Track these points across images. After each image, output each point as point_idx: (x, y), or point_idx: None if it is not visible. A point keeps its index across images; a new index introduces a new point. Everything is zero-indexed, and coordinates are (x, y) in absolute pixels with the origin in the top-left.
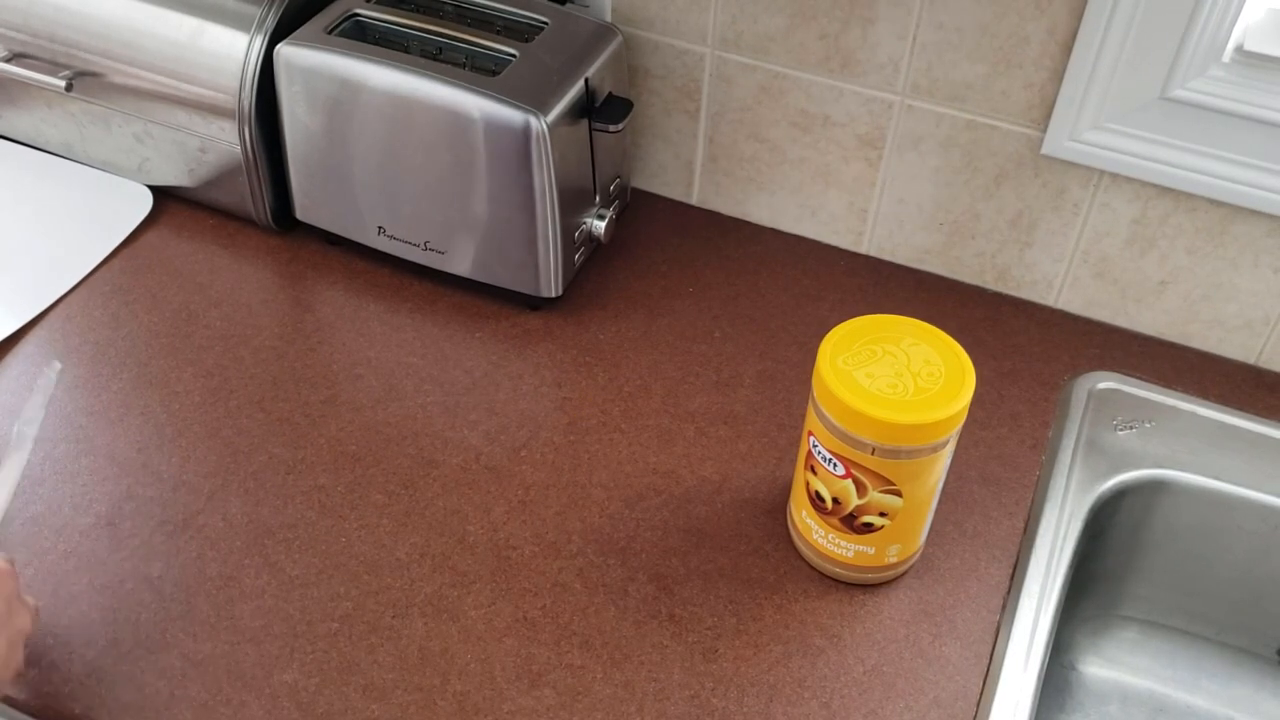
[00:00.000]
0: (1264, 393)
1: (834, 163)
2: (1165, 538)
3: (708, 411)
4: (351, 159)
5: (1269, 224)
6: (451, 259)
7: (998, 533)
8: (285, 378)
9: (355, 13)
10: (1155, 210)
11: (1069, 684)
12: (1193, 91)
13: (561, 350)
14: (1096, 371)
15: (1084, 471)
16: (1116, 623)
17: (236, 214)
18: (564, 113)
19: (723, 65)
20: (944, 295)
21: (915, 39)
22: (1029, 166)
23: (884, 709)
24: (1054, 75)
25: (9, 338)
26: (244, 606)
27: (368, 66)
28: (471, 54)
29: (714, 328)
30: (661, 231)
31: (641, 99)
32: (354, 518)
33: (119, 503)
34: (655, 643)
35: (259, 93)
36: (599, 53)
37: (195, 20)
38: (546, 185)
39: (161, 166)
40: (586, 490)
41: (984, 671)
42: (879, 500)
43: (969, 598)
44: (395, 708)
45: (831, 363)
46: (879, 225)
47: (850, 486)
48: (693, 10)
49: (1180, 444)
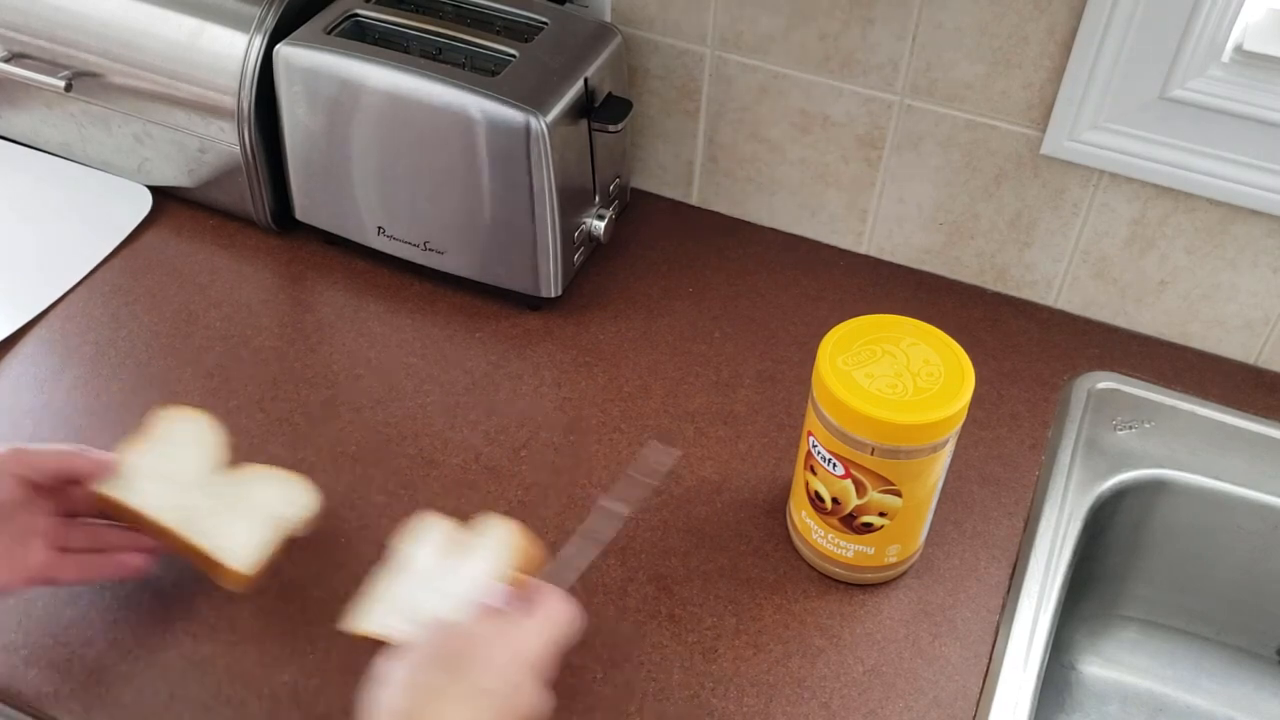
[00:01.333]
0: (1264, 393)
1: (834, 163)
2: (1165, 538)
3: (708, 411)
4: (351, 159)
5: (1269, 224)
6: (451, 259)
7: (997, 533)
8: (285, 378)
9: (355, 13)
10: (1155, 210)
11: (1069, 684)
12: (1192, 91)
13: (561, 350)
14: (1096, 371)
15: (1084, 471)
16: (1116, 623)
17: (236, 214)
18: (564, 113)
19: (723, 65)
20: (944, 295)
21: (915, 39)
22: (1028, 166)
23: (884, 709)
24: (1053, 75)
25: (9, 338)
26: (244, 606)
27: (367, 66)
28: (471, 54)
29: (714, 328)
30: (661, 231)
31: (641, 99)
32: (354, 518)
33: None
34: (655, 643)
35: (258, 93)
36: (598, 53)
37: (195, 20)
38: (546, 185)
39: (161, 167)
40: (586, 490)
41: (984, 671)
42: (879, 500)
43: (969, 598)
44: None
45: (831, 363)
46: (879, 225)
47: (850, 486)
48: (693, 10)
49: (1180, 444)
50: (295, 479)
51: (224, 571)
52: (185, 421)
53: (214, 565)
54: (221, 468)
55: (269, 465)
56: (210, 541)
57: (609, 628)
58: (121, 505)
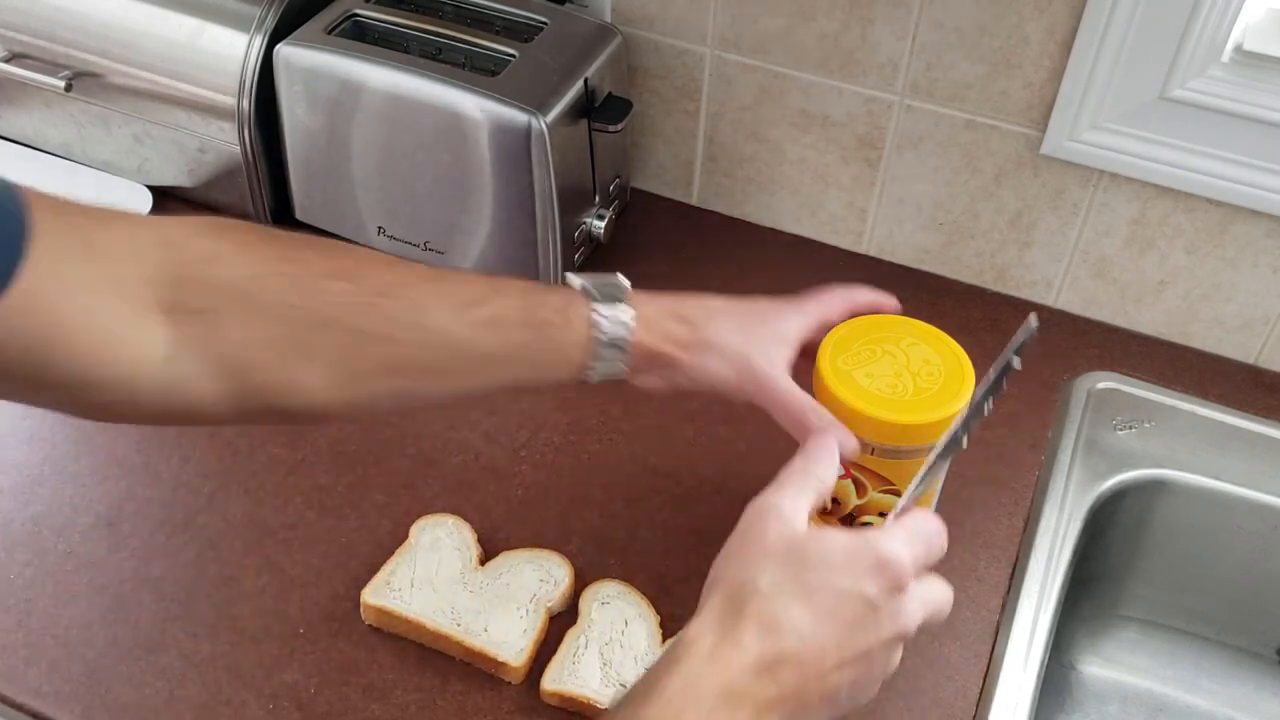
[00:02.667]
0: (1264, 393)
1: (834, 163)
2: (1165, 538)
3: (708, 411)
4: (351, 159)
5: (1269, 224)
6: (451, 259)
7: (997, 533)
8: None
9: (355, 13)
10: (1154, 210)
11: (1069, 684)
12: (1192, 91)
13: None
14: (1096, 371)
15: (1084, 471)
16: (1116, 623)
17: (236, 214)
18: (564, 113)
19: (723, 65)
20: (944, 295)
21: (915, 39)
22: (1028, 166)
23: (884, 709)
24: (1053, 75)
25: None
26: (244, 606)
27: (367, 67)
28: (471, 54)
29: None
30: (661, 231)
31: (641, 99)
32: (354, 518)
33: (119, 503)
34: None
35: (258, 93)
36: (598, 53)
37: (195, 20)
38: (546, 185)
39: (161, 167)
40: (586, 490)
41: (984, 671)
42: (879, 500)
43: (969, 598)
44: (395, 708)
45: (831, 363)
46: (878, 225)
47: (850, 487)
48: (693, 10)
49: (1180, 444)
50: (547, 555)
51: (505, 668)
52: (442, 526)
53: (495, 664)
54: (477, 562)
55: (517, 549)
56: (485, 640)
57: None
58: (397, 615)
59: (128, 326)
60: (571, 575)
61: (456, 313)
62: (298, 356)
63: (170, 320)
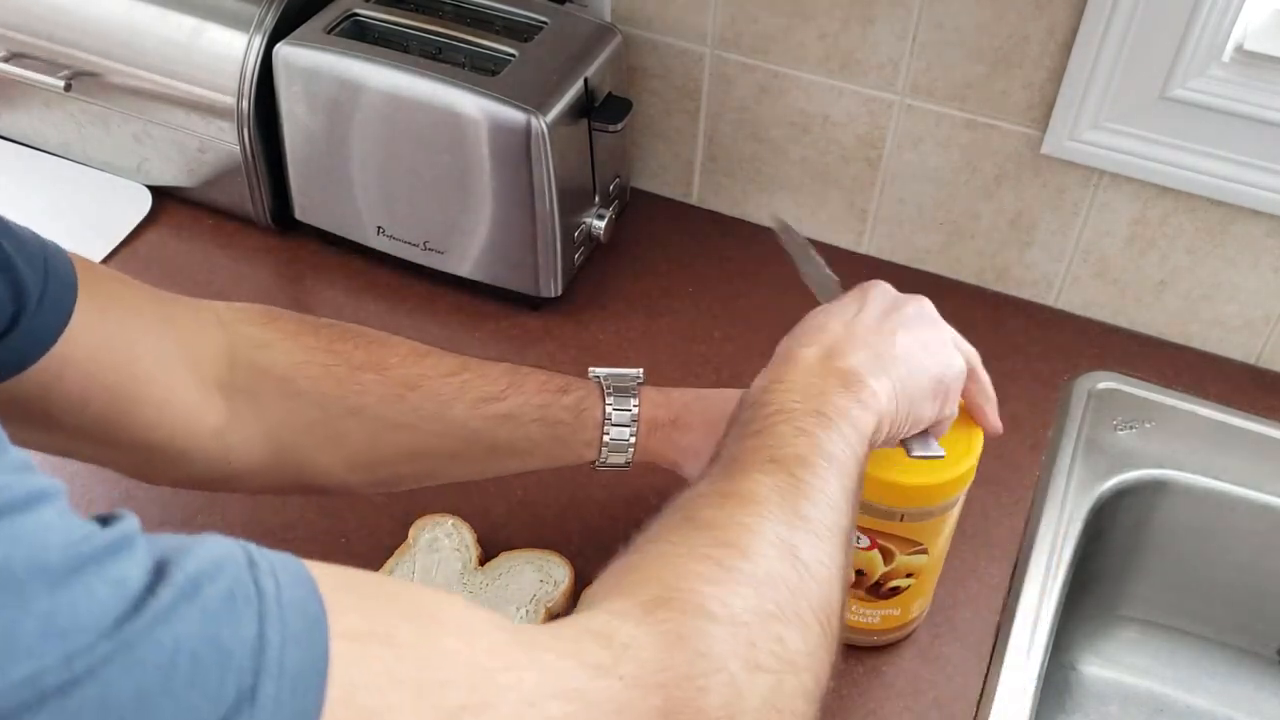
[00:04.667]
0: (1264, 393)
1: (834, 163)
2: (1165, 538)
3: None
4: (351, 159)
5: (1269, 224)
6: (451, 259)
7: (998, 533)
8: None
9: (354, 13)
10: (1155, 210)
11: (1069, 684)
12: (1192, 91)
13: (561, 350)
14: (1096, 371)
15: (1084, 471)
16: (1116, 623)
17: (235, 214)
18: (564, 112)
19: (722, 65)
20: (944, 295)
21: (915, 39)
22: (1029, 166)
23: (884, 709)
24: (1053, 75)
25: None
26: None
27: (367, 66)
28: (471, 54)
29: (714, 328)
30: (661, 231)
31: (641, 99)
32: (353, 518)
33: (119, 503)
34: None
35: (258, 93)
36: (598, 52)
37: (194, 20)
38: (546, 185)
39: (160, 166)
40: (586, 490)
41: (984, 671)
42: (905, 562)
43: (969, 598)
44: None
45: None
46: (879, 225)
47: (876, 557)
48: (692, 10)
49: (1180, 444)
50: (547, 556)
51: None
52: (441, 527)
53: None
54: (477, 563)
55: (517, 550)
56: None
57: None
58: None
59: (194, 396)
60: (571, 576)
61: (475, 407)
62: (329, 439)
63: (223, 396)
